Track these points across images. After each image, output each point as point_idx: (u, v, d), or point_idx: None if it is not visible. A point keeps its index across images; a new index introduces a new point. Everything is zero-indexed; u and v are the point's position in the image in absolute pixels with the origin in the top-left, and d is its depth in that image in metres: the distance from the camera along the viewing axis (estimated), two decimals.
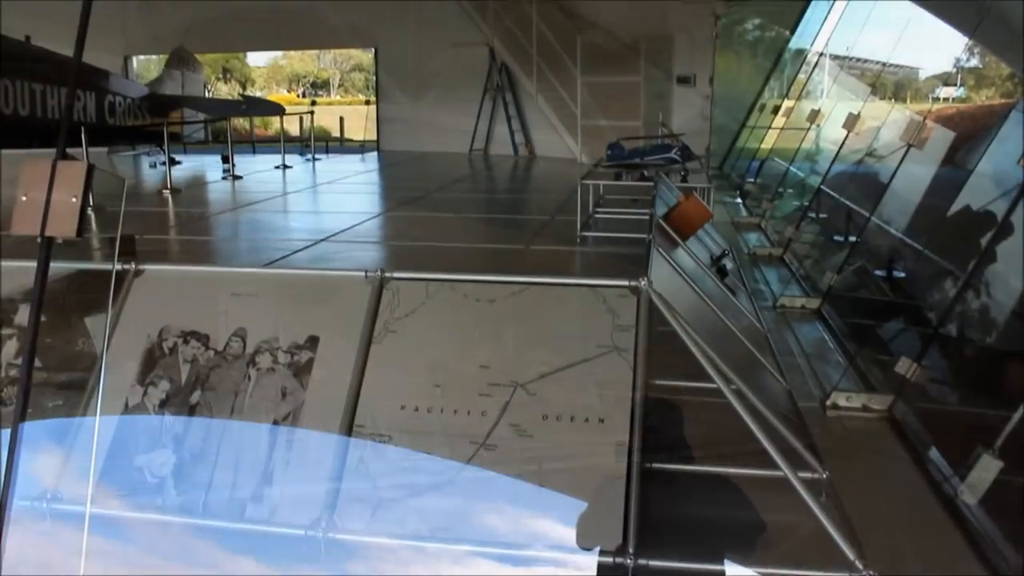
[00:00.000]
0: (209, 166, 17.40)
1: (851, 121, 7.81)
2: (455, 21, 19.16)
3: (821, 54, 12.94)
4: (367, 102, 23.08)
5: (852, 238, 7.14)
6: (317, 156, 19.12)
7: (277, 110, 19.82)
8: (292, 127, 22.21)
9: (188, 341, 3.16)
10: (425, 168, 17.29)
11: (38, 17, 13.78)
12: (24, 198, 1.87)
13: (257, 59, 47.41)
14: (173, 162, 14.24)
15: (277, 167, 16.80)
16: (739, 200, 12.16)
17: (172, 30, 20.04)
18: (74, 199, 1.83)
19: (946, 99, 7.66)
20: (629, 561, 2.41)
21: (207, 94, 24.19)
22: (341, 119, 25.77)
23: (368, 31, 20.77)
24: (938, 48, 7.91)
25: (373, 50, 21.65)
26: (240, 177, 14.99)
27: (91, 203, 1.93)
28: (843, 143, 8.29)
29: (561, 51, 18.03)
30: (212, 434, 2.97)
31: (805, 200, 9.29)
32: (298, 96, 46.73)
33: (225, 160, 15.90)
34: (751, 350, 4.25)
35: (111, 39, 20.22)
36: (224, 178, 15.03)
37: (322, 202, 12.79)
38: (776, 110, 14.27)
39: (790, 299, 6.42)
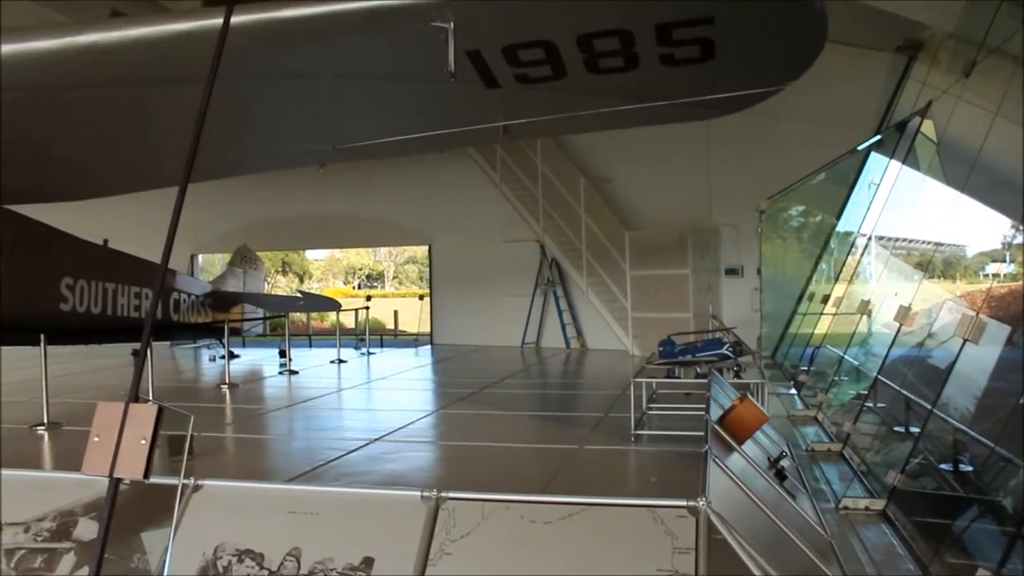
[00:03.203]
0: (267, 359, 17.80)
1: (902, 313, 7.76)
2: (506, 219, 19.89)
3: (868, 237, 12.98)
4: (420, 297, 23.63)
5: (913, 429, 6.96)
6: (372, 350, 19.47)
7: (333, 306, 20.32)
8: (348, 319, 22.74)
9: (243, 560, 3.15)
10: (478, 362, 17.44)
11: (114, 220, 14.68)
12: (96, 439, 1.94)
13: (315, 253, 49.47)
14: (232, 356, 14.58)
15: (332, 361, 17.15)
16: (793, 391, 11.98)
17: (238, 230, 21.12)
18: (143, 441, 1.89)
19: (995, 275, 7.64)
20: None
21: (266, 287, 25.05)
22: (395, 312, 26.37)
23: (423, 230, 21.58)
24: (983, 226, 7.97)
25: (427, 245, 22.43)
26: (296, 372, 15.28)
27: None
28: (897, 332, 8.21)
29: (610, 246, 18.53)
30: None
31: (861, 389, 9.12)
32: (354, 288, 48.36)
33: (282, 355, 16.31)
34: (816, 562, 4.09)
35: (181, 238, 21.15)
36: (281, 373, 15.34)
37: (376, 398, 12.89)
38: (826, 299, 14.25)
39: (853, 500, 6.21)
